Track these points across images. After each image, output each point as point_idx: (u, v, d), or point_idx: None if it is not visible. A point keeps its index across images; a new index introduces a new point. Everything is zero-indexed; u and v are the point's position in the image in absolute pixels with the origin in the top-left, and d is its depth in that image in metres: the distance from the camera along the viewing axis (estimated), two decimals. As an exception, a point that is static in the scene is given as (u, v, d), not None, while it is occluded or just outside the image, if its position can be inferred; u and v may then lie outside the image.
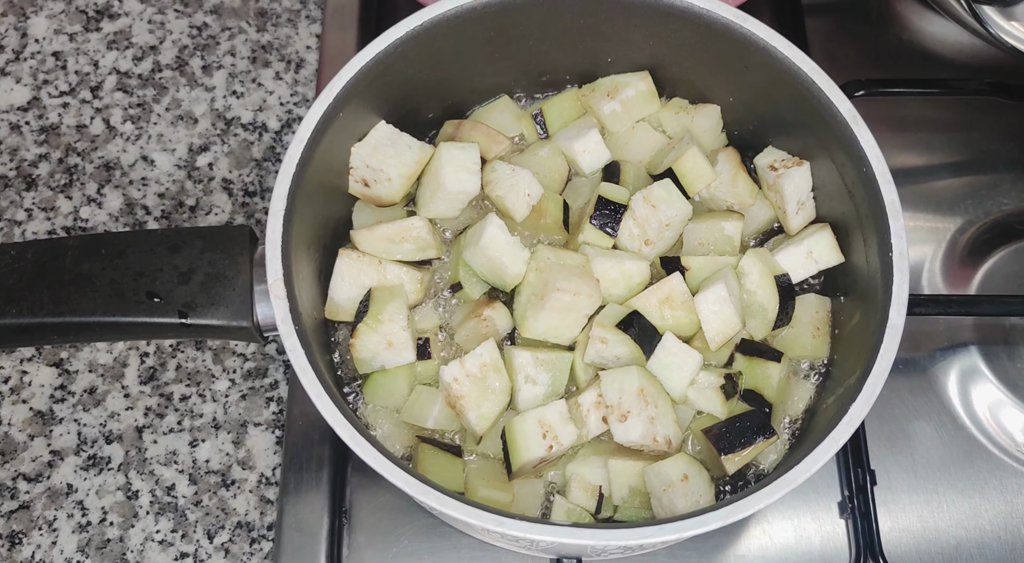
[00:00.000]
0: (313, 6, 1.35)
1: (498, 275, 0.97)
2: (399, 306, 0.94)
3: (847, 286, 0.99)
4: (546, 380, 0.95)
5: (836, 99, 0.93)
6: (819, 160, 0.99)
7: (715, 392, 0.94)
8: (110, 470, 1.10)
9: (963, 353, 1.14)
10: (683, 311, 0.96)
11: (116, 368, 1.14)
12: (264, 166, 1.24)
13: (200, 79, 1.30)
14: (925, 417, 1.11)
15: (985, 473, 1.08)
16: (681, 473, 0.89)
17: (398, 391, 0.97)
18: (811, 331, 0.99)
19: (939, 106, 1.27)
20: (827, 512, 1.06)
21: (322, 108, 0.92)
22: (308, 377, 0.82)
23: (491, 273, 0.98)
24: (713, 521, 0.78)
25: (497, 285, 0.99)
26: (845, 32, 1.33)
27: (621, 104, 1.07)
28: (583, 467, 0.93)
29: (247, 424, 1.12)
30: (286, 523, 1.04)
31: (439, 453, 0.94)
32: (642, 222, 1.00)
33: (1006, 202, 1.21)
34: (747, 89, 1.02)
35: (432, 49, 0.99)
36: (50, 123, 1.27)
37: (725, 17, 0.96)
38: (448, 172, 0.99)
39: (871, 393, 0.83)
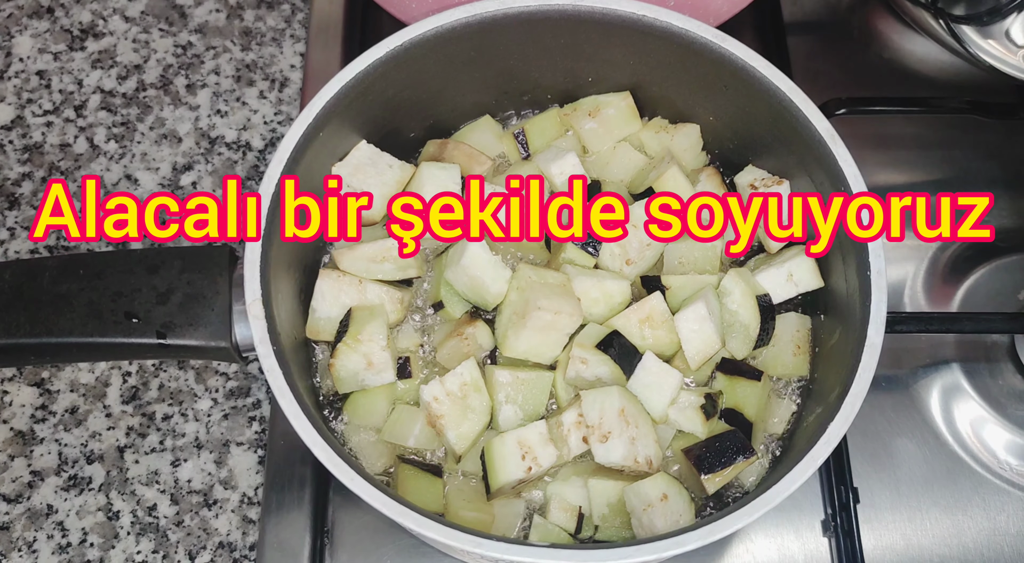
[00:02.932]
0: (298, 25, 1.35)
1: (480, 294, 0.97)
2: (379, 326, 0.94)
3: (827, 304, 0.99)
4: (527, 399, 0.95)
5: (814, 118, 0.93)
6: (799, 179, 1.00)
7: (695, 411, 0.94)
8: (91, 490, 1.09)
9: (945, 370, 1.14)
10: (663, 330, 0.96)
11: (98, 388, 1.14)
12: (248, 185, 1.24)
13: (184, 98, 1.30)
14: (908, 434, 1.11)
15: (968, 490, 1.09)
16: (661, 493, 0.89)
17: (378, 410, 0.97)
18: (792, 349, 0.99)
19: (920, 124, 1.27)
20: (810, 530, 1.06)
21: (302, 128, 0.92)
22: (286, 398, 0.82)
23: (472, 292, 0.98)
24: (692, 541, 0.78)
25: (479, 304, 0.99)
26: (827, 51, 1.33)
27: (602, 124, 1.08)
28: (563, 487, 0.93)
29: (229, 444, 1.11)
30: (268, 543, 1.03)
31: (419, 473, 0.94)
32: (623, 242, 1.00)
33: (987, 220, 1.21)
34: (727, 108, 1.03)
35: (413, 69, 1.00)
36: (34, 142, 1.27)
37: (704, 37, 0.96)
38: (429, 192, 0.99)
39: (850, 412, 0.83)
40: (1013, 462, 1.10)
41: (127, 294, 0.86)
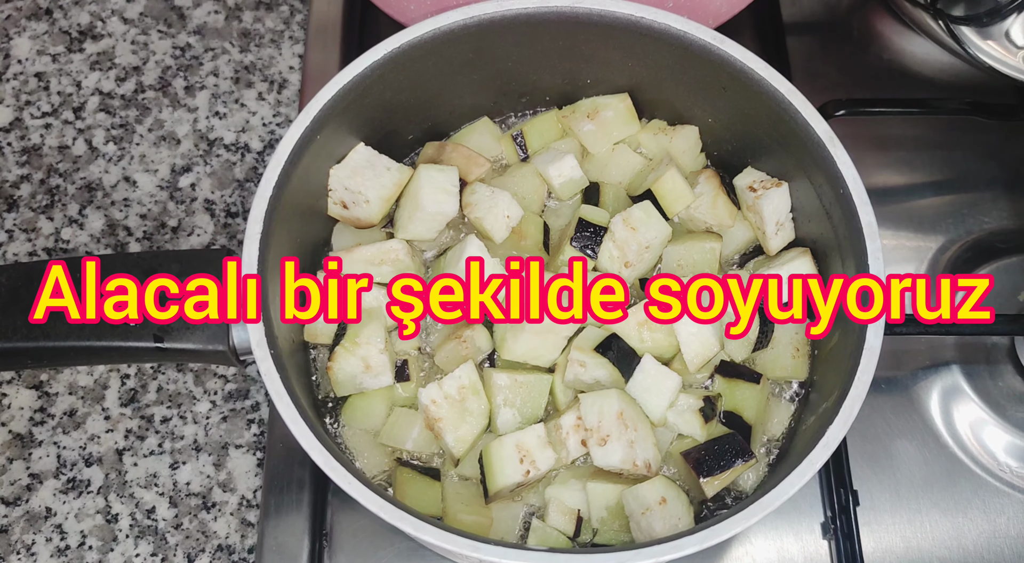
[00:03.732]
0: (296, 27, 1.35)
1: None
2: (377, 329, 0.94)
3: (826, 307, 0.99)
4: (525, 402, 0.95)
5: (813, 120, 0.93)
6: (797, 181, 1.00)
7: (694, 415, 0.94)
8: (89, 493, 1.09)
9: (945, 372, 1.14)
10: (662, 333, 0.96)
11: (96, 390, 1.13)
12: (246, 187, 1.24)
13: (183, 100, 1.30)
14: (908, 437, 1.11)
15: (968, 493, 1.08)
16: (659, 496, 0.89)
17: (376, 414, 0.96)
18: (790, 352, 0.99)
19: (920, 125, 1.27)
20: (810, 533, 1.06)
21: (299, 131, 0.92)
22: (283, 402, 0.82)
23: (471, 295, 0.98)
24: (690, 545, 0.78)
25: (477, 307, 0.99)
26: (826, 52, 1.33)
27: (601, 125, 1.07)
28: (562, 490, 0.93)
29: (228, 446, 1.11)
30: (267, 546, 1.03)
31: (417, 477, 0.94)
32: (622, 244, 1.00)
33: (987, 221, 1.21)
34: (725, 110, 1.02)
35: (412, 71, 1.00)
36: (32, 144, 1.26)
37: (702, 39, 0.96)
38: (427, 194, 0.99)
39: (848, 415, 0.83)
40: (1013, 464, 1.09)
41: (124, 297, 0.86)
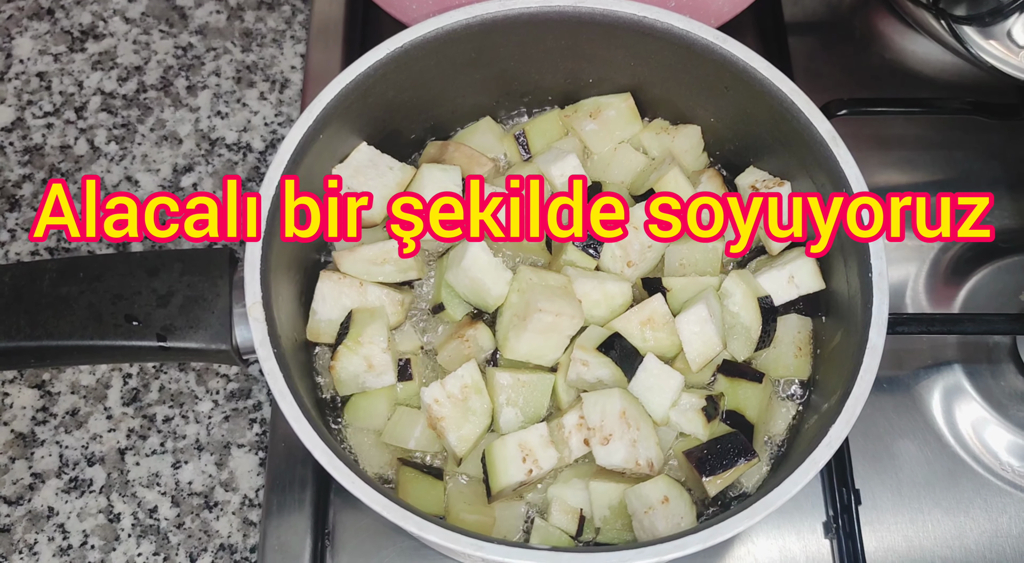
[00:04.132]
0: (298, 26, 1.35)
1: (480, 296, 0.97)
2: (379, 328, 0.94)
3: (828, 306, 0.99)
4: (528, 402, 0.95)
5: (815, 119, 0.93)
6: (800, 180, 1.00)
7: (697, 414, 0.94)
8: (92, 493, 1.09)
9: (947, 371, 1.14)
10: (665, 332, 0.96)
11: (99, 390, 1.13)
12: (248, 186, 1.24)
13: (185, 99, 1.30)
14: (910, 436, 1.11)
15: (970, 492, 1.08)
16: (662, 495, 0.89)
17: (379, 413, 0.96)
18: (793, 351, 0.99)
19: (921, 125, 1.27)
20: (812, 532, 1.06)
21: (302, 130, 0.92)
22: (286, 401, 0.82)
23: (473, 294, 0.98)
24: (693, 544, 0.78)
25: (480, 306, 0.99)
26: (828, 51, 1.33)
27: (603, 125, 1.07)
28: (564, 489, 0.93)
29: (230, 445, 1.11)
30: (269, 545, 1.03)
31: (420, 476, 0.94)
32: (624, 243, 0.99)
33: (988, 220, 1.21)
34: (728, 110, 1.02)
35: (414, 70, 1.00)
36: (34, 143, 1.27)
37: (704, 38, 0.96)
38: (429, 193, 0.99)
39: (851, 414, 0.83)
40: (1015, 463, 1.09)
41: (127, 297, 0.86)
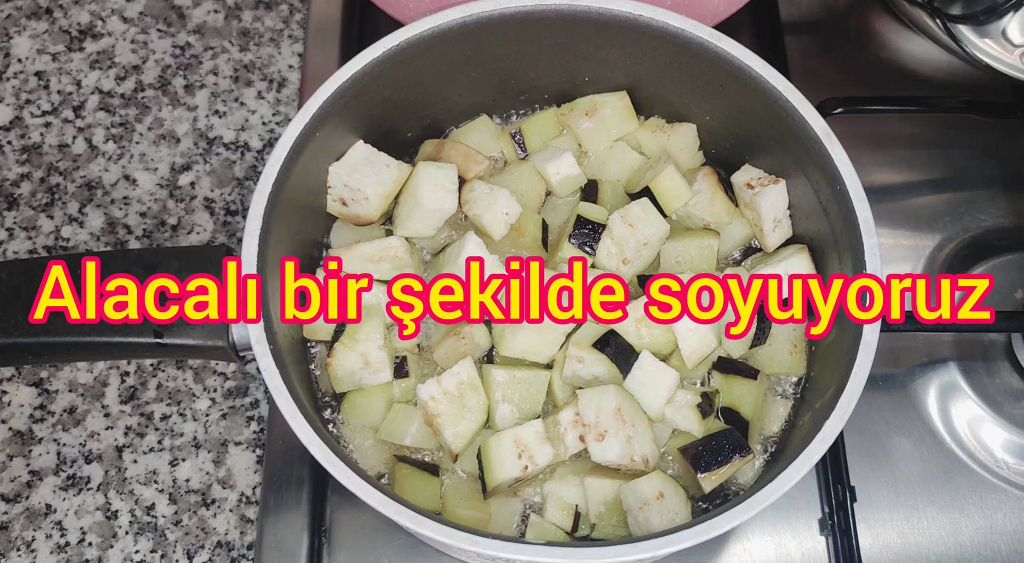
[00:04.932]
0: (296, 26, 1.36)
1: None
2: (376, 325, 0.94)
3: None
4: (523, 398, 0.95)
5: (810, 117, 0.93)
6: (795, 178, 1.00)
7: (692, 410, 0.94)
8: (89, 490, 1.09)
9: (942, 369, 1.14)
10: (660, 329, 0.96)
11: (96, 387, 1.14)
12: (246, 185, 1.25)
13: (182, 98, 1.30)
14: (905, 433, 1.11)
15: (965, 489, 1.09)
16: (657, 491, 0.89)
17: (375, 410, 0.97)
18: (788, 348, 0.99)
19: (917, 123, 1.28)
20: (807, 529, 1.06)
21: (298, 128, 0.92)
22: (283, 397, 0.82)
23: (469, 292, 0.98)
24: (687, 539, 0.78)
25: (475, 303, 0.99)
26: (824, 50, 1.34)
27: (599, 123, 1.08)
28: (560, 486, 0.93)
29: (227, 443, 1.12)
30: (266, 543, 1.03)
31: (416, 472, 0.94)
32: (620, 241, 1.00)
33: (984, 219, 1.22)
34: (723, 108, 1.03)
35: (410, 69, 1.00)
36: (32, 142, 1.27)
37: (700, 36, 0.96)
38: (426, 191, 0.99)
39: (845, 410, 0.83)
40: (1010, 461, 1.10)
41: (125, 294, 0.87)
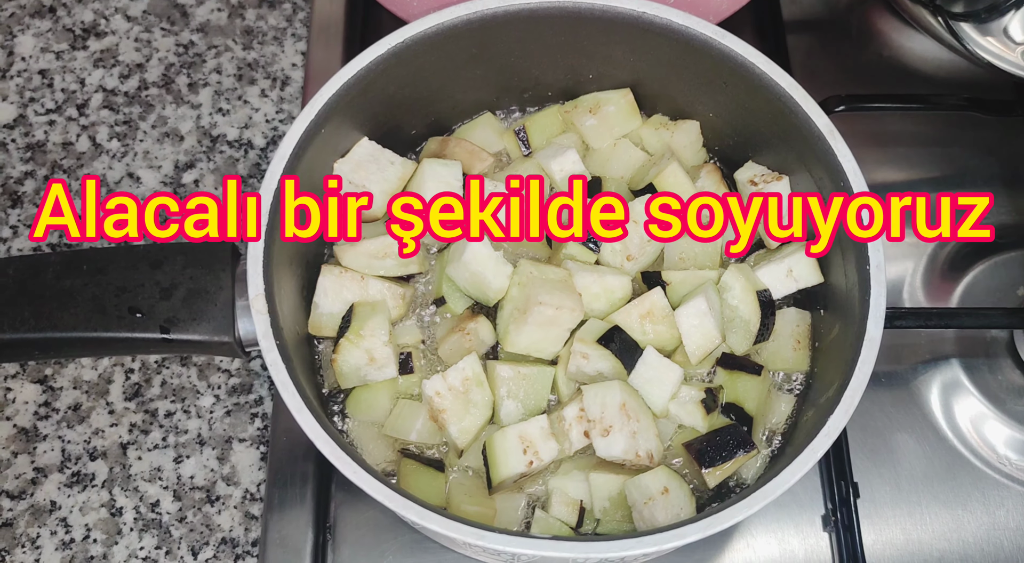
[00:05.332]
0: (299, 24, 1.36)
1: (481, 289, 0.98)
2: (381, 321, 0.95)
3: (827, 299, 0.99)
4: (528, 394, 0.95)
5: (813, 114, 0.94)
6: (798, 174, 1.00)
7: (696, 406, 0.94)
8: (94, 487, 1.09)
9: (945, 366, 1.14)
10: (664, 325, 0.96)
11: (101, 384, 1.14)
12: (250, 183, 1.25)
13: (186, 97, 1.30)
14: (908, 430, 1.11)
15: (968, 485, 1.09)
16: (662, 486, 0.89)
17: (380, 405, 0.97)
18: (792, 344, 1.00)
19: (919, 121, 1.28)
20: (811, 525, 1.07)
21: (303, 125, 0.93)
22: (289, 392, 0.83)
23: (474, 288, 0.98)
24: (692, 533, 0.79)
25: (480, 299, 0.99)
26: (826, 49, 1.34)
27: (603, 121, 1.08)
28: (565, 481, 0.93)
29: (232, 440, 1.12)
30: (270, 539, 1.04)
31: (421, 468, 0.94)
32: (624, 238, 1.00)
33: (986, 217, 1.22)
34: (727, 105, 1.03)
35: (414, 66, 1.00)
36: (36, 140, 1.27)
37: (703, 34, 0.97)
38: (430, 188, 1.00)
39: (849, 405, 0.83)
40: (1013, 457, 1.10)
41: (131, 289, 0.87)
